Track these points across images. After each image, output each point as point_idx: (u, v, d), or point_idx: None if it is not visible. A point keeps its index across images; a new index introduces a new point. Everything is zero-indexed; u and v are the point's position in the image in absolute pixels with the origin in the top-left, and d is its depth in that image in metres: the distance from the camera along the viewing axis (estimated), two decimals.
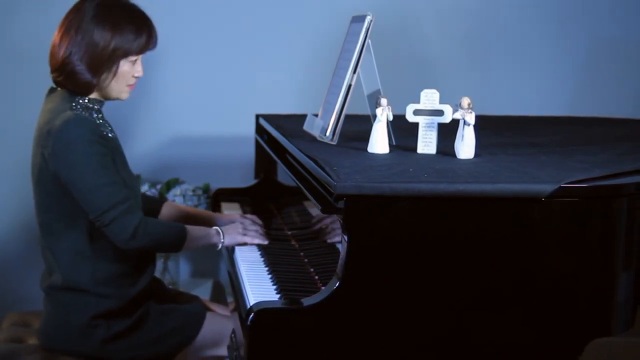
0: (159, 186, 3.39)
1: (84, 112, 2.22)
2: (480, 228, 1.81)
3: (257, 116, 3.06)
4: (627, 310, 1.95)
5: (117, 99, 2.29)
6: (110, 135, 2.27)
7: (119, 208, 2.15)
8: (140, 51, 2.26)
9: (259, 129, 3.03)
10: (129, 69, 2.25)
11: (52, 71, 2.26)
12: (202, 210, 2.81)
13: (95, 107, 2.27)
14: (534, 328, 1.86)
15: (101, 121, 2.27)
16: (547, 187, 1.81)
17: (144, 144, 3.53)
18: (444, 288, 1.81)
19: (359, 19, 2.21)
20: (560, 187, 1.82)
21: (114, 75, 2.23)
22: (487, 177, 1.87)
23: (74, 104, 2.22)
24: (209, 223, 2.56)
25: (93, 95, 2.26)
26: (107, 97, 2.28)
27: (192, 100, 3.54)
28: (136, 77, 2.28)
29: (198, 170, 3.54)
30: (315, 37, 3.48)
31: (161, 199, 2.68)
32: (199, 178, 3.49)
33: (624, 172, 2.02)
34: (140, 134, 3.52)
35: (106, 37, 2.20)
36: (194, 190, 3.38)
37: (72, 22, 2.22)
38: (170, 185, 3.40)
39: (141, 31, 2.25)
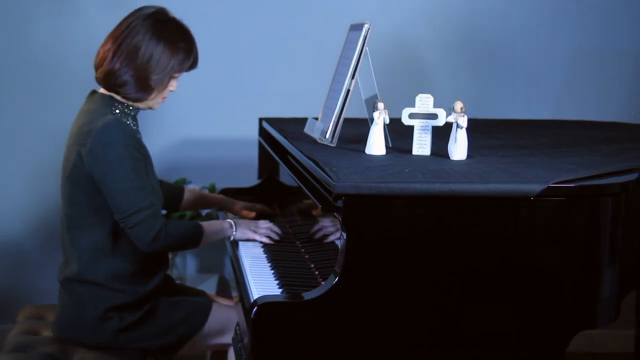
0: None
1: (122, 117, 2.22)
2: (472, 226, 1.81)
3: (261, 120, 3.05)
4: (612, 304, 1.94)
5: (150, 108, 2.30)
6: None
7: (145, 212, 2.15)
8: (188, 70, 2.27)
9: (262, 132, 3.02)
10: (171, 85, 2.27)
11: (103, 79, 2.23)
12: (217, 195, 2.86)
13: (132, 113, 2.27)
14: (524, 321, 1.85)
15: (135, 128, 2.27)
16: (536, 187, 1.81)
17: (154, 146, 3.51)
18: (438, 283, 1.81)
19: (357, 27, 2.21)
20: (548, 186, 1.81)
21: (162, 90, 2.24)
22: (479, 178, 1.86)
23: (113, 108, 2.22)
24: (224, 206, 2.68)
25: (133, 103, 2.26)
26: (142, 106, 2.28)
27: (198, 105, 3.53)
28: (170, 91, 2.29)
29: (204, 170, 3.54)
30: (316, 44, 3.48)
31: (181, 186, 2.72)
32: (205, 178, 3.48)
33: (609, 173, 2.02)
34: (150, 136, 3.50)
35: (165, 56, 2.19)
36: (200, 190, 3.38)
37: (127, 37, 2.19)
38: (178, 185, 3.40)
39: (191, 51, 2.25)
